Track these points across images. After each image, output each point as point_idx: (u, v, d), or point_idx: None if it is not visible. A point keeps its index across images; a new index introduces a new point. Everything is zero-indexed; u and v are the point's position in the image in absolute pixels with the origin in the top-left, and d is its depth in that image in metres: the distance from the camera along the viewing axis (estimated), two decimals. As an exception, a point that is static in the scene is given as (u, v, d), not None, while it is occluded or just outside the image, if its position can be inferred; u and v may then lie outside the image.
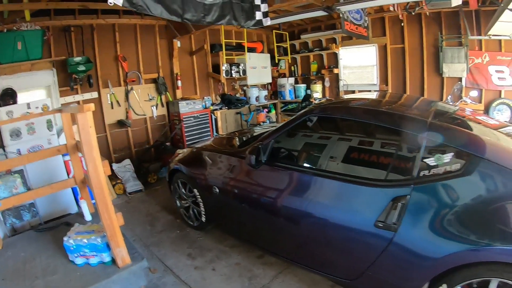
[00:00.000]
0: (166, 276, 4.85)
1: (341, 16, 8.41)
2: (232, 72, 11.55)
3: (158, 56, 10.24)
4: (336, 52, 12.54)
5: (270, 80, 13.33)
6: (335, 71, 12.61)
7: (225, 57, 11.00)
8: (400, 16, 10.36)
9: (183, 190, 5.96)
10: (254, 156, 4.43)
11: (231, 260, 5.09)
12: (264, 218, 4.57)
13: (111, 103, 9.18)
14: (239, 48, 11.80)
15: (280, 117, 13.82)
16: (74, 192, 6.37)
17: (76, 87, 8.46)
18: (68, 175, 6.33)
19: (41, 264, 4.23)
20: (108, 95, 9.13)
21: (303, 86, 13.40)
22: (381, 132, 4.08)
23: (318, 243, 3.98)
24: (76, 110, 3.87)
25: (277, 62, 13.40)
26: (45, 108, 6.29)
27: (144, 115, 9.91)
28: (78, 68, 8.07)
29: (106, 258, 4.11)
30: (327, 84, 12.95)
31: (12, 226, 5.72)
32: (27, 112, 6.06)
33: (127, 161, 8.90)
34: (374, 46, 11.85)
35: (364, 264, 3.50)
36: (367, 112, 4.27)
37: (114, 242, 3.96)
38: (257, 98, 12.52)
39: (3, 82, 7.02)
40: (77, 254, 4.10)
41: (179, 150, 6.67)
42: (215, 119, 10.79)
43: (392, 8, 9.78)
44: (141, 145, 9.96)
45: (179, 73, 10.59)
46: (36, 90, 7.98)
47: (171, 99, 10.44)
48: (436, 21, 10.39)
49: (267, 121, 11.72)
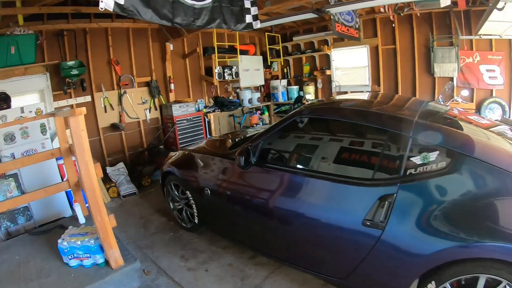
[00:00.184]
0: (159, 277, 4.88)
1: (332, 18, 8.47)
2: (225, 74, 11.55)
3: (151, 59, 10.27)
4: (328, 53, 12.58)
5: (263, 82, 13.36)
6: (328, 72, 12.64)
7: (217, 59, 11.02)
8: (391, 17, 10.44)
9: (176, 192, 5.98)
10: (243, 157, 4.47)
11: (224, 261, 5.13)
12: (255, 219, 4.61)
13: (105, 106, 9.21)
14: (232, 50, 11.81)
15: (273, 119, 13.80)
16: (68, 195, 6.37)
17: (69, 91, 8.49)
18: (62, 179, 6.34)
19: (35, 266, 4.26)
20: (102, 98, 9.15)
21: (296, 87, 13.42)
22: (368, 132, 4.09)
23: (308, 242, 4.02)
24: (68, 114, 3.91)
25: (269, 64, 13.41)
26: (38, 112, 6.30)
27: (137, 118, 9.94)
28: (71, 72, 8.09)
29: (100, 259, 4.15)
30: (319, 86, 12.99)
31: (6, 230, 5.73)
32: (21, 116, 6.05)
33: (121, 164, 8.92)
34: (365, 47, 11.90)
35: (354, 262, 3.54)
36: (354, 113, 4.32)
37: (107, 244, 4.00)
38: (250, 100, 12.52)
39: (-3, 87, 7.04)
40: (71, 256, 4.13)
41: (171, 153, 6.68)
42: (208, 122, 10.80)
43: (383, 10, 9.84)
44: (134, 148, 9.98)
45: (172, 76, 10.62)
46: (29, 94, 7.99)
47: (164, 102, 10.47)
48: (427, 21, 10.46)
49: (260, 123, 11.70)
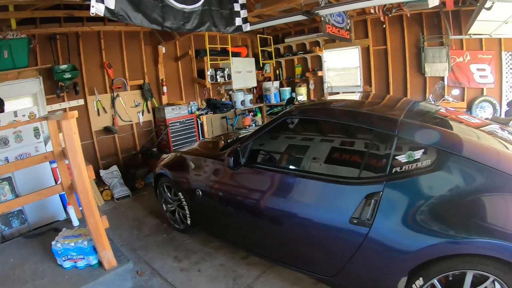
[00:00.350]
0: (153, 278, 4.93)
1: (322, 19, 8.55)
2: (217, 77, 11.57)
3: (144, 62, 10.31)
4: (320, 55, 12.66)
5: (255, 84, 13.38)
6: (319, 73, 12.74)
7: (209, 62, 11.04)
8: (381, 18, 10.52)
9: (169, 194, 6.02)
10: (232, 158, 4.54)
11: (216, 261, 5.18)
12: (245, 219, 4.66)
13: (98, 110, 9.24)
14: (224, 53, 11.83)
15: (266, 120, 13.68)
16: (62, 199, 6.39)
17: (62, 94, 8.50)
18: (55, 182, 6.36)
19: (30, 269, 4.28)
20: (94, 102, 9.18)
21: (288, 89, 13.46)
22: (355, 132, 4.14)
23: (297, 241, 4.06)
24: (60, 117, 3.95)
25: (262, 66, 13.45)
26: (32, 116, 6.32)
27: (130, 121, 9.97)
28: (64, 75, 8.12)
29: (93, 261, 4.19)
30: (311, 87, 13.08)
31: (1, 233, 5.74)
32: (14, 120, 6.07)
33: (114, 167, 8.95)
34: (357, 48, 12.00)
35: (342, 260, 3.59)
36: (340, 113, 4.37)
37: (100, 245, 4.04)
38: (242, 102, 12.54)
39: (-10, 91, 7.06)
40: (64, 258, 4.17)
41: (164, 155, 6.73)
42: (201, 124, 10.84)
43: (373, 11, 9.92)
44: (128, 151, 10.00)
45: (164, 79, 10.67)
46: (23, 98, 8.01)
47: (157, 105, 10.51)
48: (417, 22, 10.55)
49: (253, 124, 11.71)
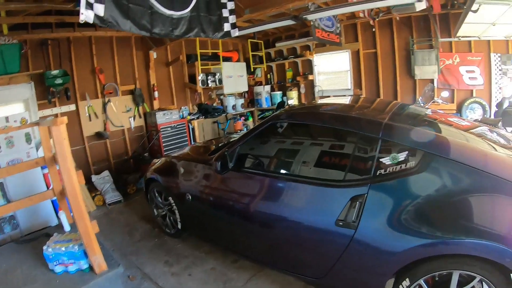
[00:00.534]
0: (144, 283, 4.97)
1: (312, 24, 8.61)
2: (208, 81, 11.61)
3: (135, 67, 10.32)
4: (311, 59, 12.75)
5: (246, 89, 13.40)
6: (310, 77, 12.81)
7: (200, 67, 11.02)
8: (371, 22, 10.62)
9: (159, 199, 6.06)
10: (220, 163, 4.57)
11: (207, 266, 5.22)
12: (234, 223, 4.69)
13: (89, 115, 9.24)
14: (215, 57, 11.85)
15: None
16: (54, 204, 6.41)
17: (54, 100, 8.49)
18: (47, 187, 6.37)
19: (22, 274, 4.30)
20: (86, 107, 9.17)
21: (279, 93, 13.53)
22: (340, 135, 4.21)
23: (286, 244, 4.11)
24: (50, 123, 3.99)
25: (253, 70, 13.46)
26: (23, 121, 6.33)
27: (122, 126, 9.97)
28: (56, 81, 8.13)
29: (84, 265, 4.21)
30: (302, 91, 13.14)
31: (-8, 238, 5.79)
32: (6, 126, 6.10)
33: (106, 172, 8.97)
34: (347, 52, 12.11)
35: (330, 262, 3.64)
36: (325, 116, 4.46)
37: (91, 250, 4.07)
38: (233, 107, 12.57)
39: (-18, 97, 7.07)
40: (56, 262, 4.20)
41: (155, 160, 6.76)
42: (193, 129, 10.86)
43: (362, 15, 10.01)
44: (119, 156, 10.00)
45: (155, 84, 10.68)
46: (14, 103, 8.00)
47: (148, 110, 10.52)
48: (407, 25, 10.69)
49: (245, 129, 11.76)
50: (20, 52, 7.55)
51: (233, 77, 12.38)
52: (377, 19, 10.35)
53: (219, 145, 6.20)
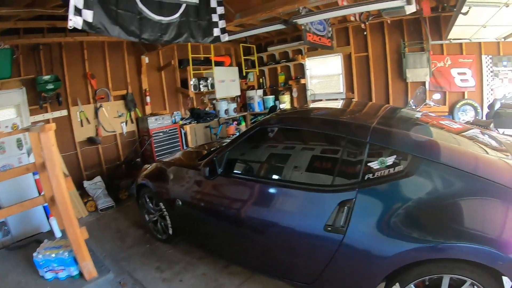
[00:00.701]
0: (135, 289, 4.96)
1: (303, 28, 8.65)
2: (201, 86, 11.62)
3: (127, 72, 10.30)
4: (303, 63, 12.78)
5: (239, 93, 13.42)
6: (302, 81, 12.84)
7: (192, 71, 11.04)
8: (362, 25, 10.66)
9: (150, 205, 6.04)
10: (208, 168, 4.57)
11: (198, 271, 5.20)
12: (223, 228, 4.68)
13: (81, 120, 9.21)
14: (207, 62, 11.85)
15: (250, 129, 13.71)
16: (46, 211, 6.40)
17: (45, 105, 8.47)
18: (39, 193, 6.34)
19: (13, 280, 4.30)
20: (78, 112, 9.15)
21: (272, 97, 13.52)
22: (329, 140, 4.17)
23: (275, 249, 4.10)
24: (38, 129, 3.98)
25: (245, 74, 13.48)
26: (14, 127, 6.31)
27: (114, 131, 9.94)
28: (47, 86, 8.11)
29: (74, 272, 4.21)
30: (295, 95, 13.14)
31: (-16, 245, 5.76)
32: (-3, 132, 6.10)
33: (98, 178, 8.92)
34: (339, 55, 12.15)
35: (319, 267, 3.63)
36: (314, 121, 4.48)
37: (80, 256, 4.07)
38: (226, 111, 12.55)
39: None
40: (46, 269, 4.19)
41: (146, 165, 6.74)
42: (185, 134, 10.84)
43: (354, 18, 10.05)
44: (112, 161, 9.97)
45: (147, 89, 10.66)
46: (6, 109, 7.98)
47: (140, 115, 10.51)
48: (398, 28, 10.76)
49: (237, 133, 11.69)
50: (12, 57, 7.53)
51: (225, 81, 12.39)
52: (367, 23, 10.40)
53: (211, 149, 6.17)
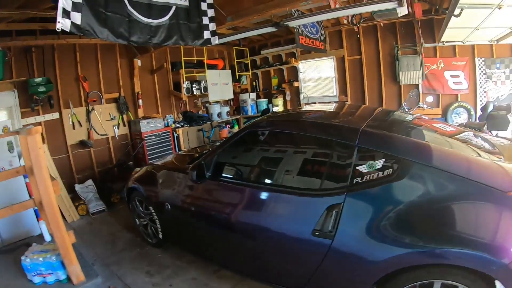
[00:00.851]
0: (124, 294, 4.93)
1: (295, 31, 8.65)
2: (193, 89, 11.58)
3: (119, 75, 10.28)
4: (296, 66, 12.85)
5: (232, 96, 13.47)
6: (296, 84, 12.92)
7: (185, 74, 11.06)
8: (355, 28, 10.69)
9: (141, 208, 6.00)
10: (195, 172, 4.52)
11: (188, 276, 5.16)
12: (211, 233, 4.65)
13: (73, 123, 9.17)
14: (200, 65, 11.86)
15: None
16: (37, 214, 6.36)
17: (37, 108, 8.42)
18: (30, 197, 6.33)
19: (2, 284, 4.28)
20: (70, 115, 9.11)
21: (265, 100, 13.58)
22: (318, 143, 4.11)
23: (263, 254, 4.07)
24: (25, 132, 3.96)
25: (238, 78, 13.51)
26: (5, 130, 6.30)
27: (106, 135, 9.91)
28: (39, 89, 8.07)
29: (62, 276, 4.20)
30: (288, 98, 13.22)
31: (-26, 249, 5.73)
32: (-13, 134, 6.07)
33: (90, 181, 8.89)
34: (332, 58, 12.22)
35: (308, 272, 3.58)
36: (303, 125, 4.45)
37: (68, 260, 4.05)
38: (219, 115, 12.58)
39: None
40: (34, 273, 4.18)
41: (136, 169, 6.72)
42: (177, 137, 10.83)
43: (346, 21, 10.07)
44: (104, 165, 9.93)
45: (140, 92, 10.65)
46: (-3, 111, 7.95)
47: (132, 118, 10.47)
48: (391, 31, 10.84)
49: (230, 136, 11.73)
50: (4, 60, 7.49)
51: (218, 84, 12.43)
52: (359, 25, 10.44)
53: (203, 152, 6.13)
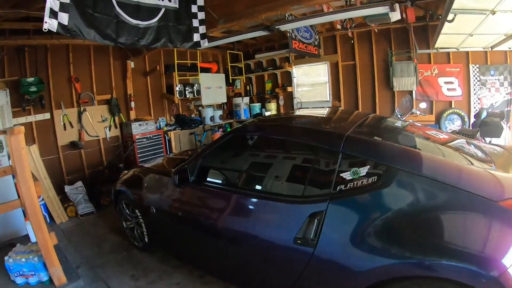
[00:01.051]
0: (108, 297, 4.90)
1: (288, 35, 8.67)
2: (186, 92, 11.59)
3: (112, 77, 10.26)
4: (290, 70, 12.86)
5: (225, 100, 13.48)
6: (289, 89, 12.92)
7: (178, 77, 11.08)
8: (349, 33, 10.72)
9: (127, 211, 5.98)
10: (177, 176, 4.51)
11: (173, 280, 5.12)
12: (194, 238, 4.62)
13: (64, 124, 9.15)
14: (194, 68, 11.88)
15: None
16: (25, 214, 6.35)
17: (28, 108, 8.42)
18: (19, 197, 6.31)
19: (-15, 284, 4.29)
20: (61, 116, 9.09)
21: (258, 105, 13.60)
22: (300, 149, 4.05)
23: (246, 261, 4.03)
24: (8, 132, 3.94)
25: (231, 82, 13.53)
26: (-5, 129, 6.30)
27: (97, 136, 9.89)
28: (30, 88, 8.05)
29: (44, 277, 4.18)
30: (281, 103, 13.23)
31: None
32: (-23, 134, 6.04)
33: (79, 183, 8.85)
34: (326, 63, 12.25)
35: (291, 280, 3.52)
36: (287, 130, 4.41)
37: (49, 261, 4.03)
38: (211, 118, 12.58)
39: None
40: (17, 274, 4.16)
41: (125, 171, 6.72)
42: (169, 140, 10.83)
43: (340, 26, 10.08)
44: (94, 166, 9.90)
45: (132, 94, 10.64)
46: (-12, 111, 7.90)
47: (124, 120, 10.45)
48: (386, 37, 10.89)
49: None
50: (-4, 59, 7.45)
51: (211, 88, 12.45)
52: (350, 29, 10.49)
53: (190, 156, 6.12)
